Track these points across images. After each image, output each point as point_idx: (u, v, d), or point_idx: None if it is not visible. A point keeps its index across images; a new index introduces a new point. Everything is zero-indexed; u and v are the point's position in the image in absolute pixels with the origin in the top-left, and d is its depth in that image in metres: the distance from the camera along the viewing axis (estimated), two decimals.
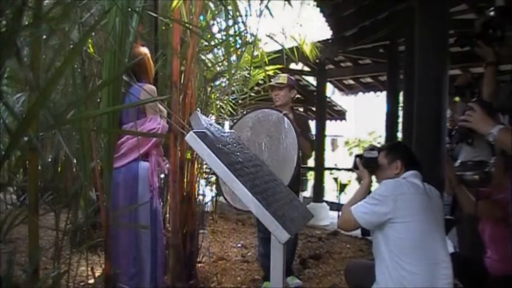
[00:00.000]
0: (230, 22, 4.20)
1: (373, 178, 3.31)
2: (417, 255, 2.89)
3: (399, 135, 8.27)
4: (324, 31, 7.61)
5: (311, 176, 12.36)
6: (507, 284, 3.30)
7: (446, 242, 3.07)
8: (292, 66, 9.82)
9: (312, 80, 12.98)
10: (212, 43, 4.87)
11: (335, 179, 12.09)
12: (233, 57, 4.73)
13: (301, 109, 13.93)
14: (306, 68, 11.02)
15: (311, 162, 11.18)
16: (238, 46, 4.66)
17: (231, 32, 4.33)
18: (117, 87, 2.16)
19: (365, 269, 3.37)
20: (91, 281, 3.58)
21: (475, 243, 3.79)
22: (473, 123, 2.48)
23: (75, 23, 2.27)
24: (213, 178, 8.52)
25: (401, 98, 8.47)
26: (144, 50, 3.62)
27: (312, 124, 13.33)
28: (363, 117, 22.27)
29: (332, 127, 15.36)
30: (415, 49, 4.05)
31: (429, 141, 3.92)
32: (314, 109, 14.16)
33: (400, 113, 8.36)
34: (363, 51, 9.37)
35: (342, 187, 10.28)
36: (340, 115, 14.96)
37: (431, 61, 3.89)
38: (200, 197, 5.69)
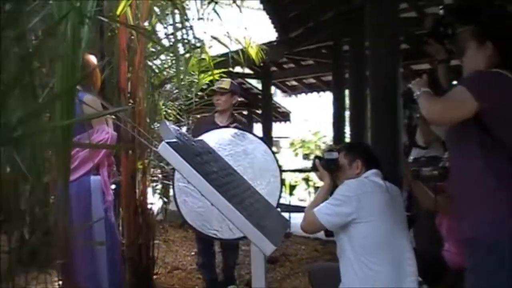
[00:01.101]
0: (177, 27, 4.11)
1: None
2: (383, 254, 2.87)
3: (347, 134, 8.34)
4: (270, 34, 7.59)
5: None
6: None
7: (409, 239, 3.07)
8: (236, 69, 9.78)
9: (255, 82, 12.99)
10: (159, 48, 4.76)
11: (282, 181, 12.09)
12: (181, 62, 4.62)
13: (245, 113, 13.92)
14: (248, 71, 10.98)
15: None
16: (185, 50, 4.56)
17: (179, 36, 4.24)
18: (71, 98, 2.03)
19: (329, 271, 3.32)
20: None
21: (432, 238, 3.82)
22: (412, 84, 2.71)
23: (23, 30, 2.11)
24: (159, 186, 8.37)
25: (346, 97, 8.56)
26: (91, 58, 3.49)
27: (258, 126, 13.39)
28: (306, 118, 22.48)
29: (276, 129, 15.41)
30: (367, 48, 4.06)
31: (386, 139, 3.93)
32: (258, 112, 14.20)
33: (347, 112, 8.44)
34: (306, 52, 9.42)
35: (291, 189, 10.27)
36: (284, 116, 15.01)
37: (383, 59, 3.90)
38: (151, 207, 5.55)
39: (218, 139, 3.99)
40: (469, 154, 2.49)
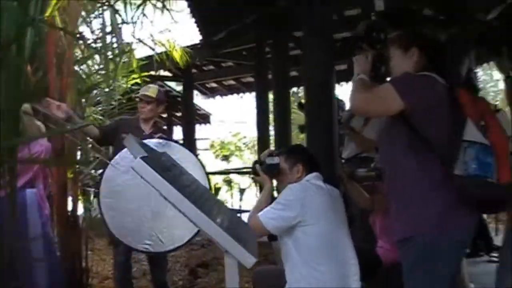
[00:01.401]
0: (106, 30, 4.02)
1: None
2: (328, 254, 2.93)
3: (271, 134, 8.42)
4: (195, 36, 7.55)
5: None
6: (400, 270, 3.46)
7: (351, 239, 3.14)
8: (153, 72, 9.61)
9: (174, 85, 12.84)
10: (86, 53, 4.61)
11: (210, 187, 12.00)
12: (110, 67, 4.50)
13: (164, 115, 13.74)
14: (167, 73, 10.82)
15: None
16: (114, 54, 4.44)
17: (108, 40, 4.14)
18: (18, 114, 1.93)
19: (273, 275, 3.36)
20: None
21: (366, 235, 3.94)
22: (356, 59, 2.76)
23: None
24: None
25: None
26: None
27: (178, 129, 13.25)
28: (223, 119, 22.52)
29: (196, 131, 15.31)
30: (293, 49, 4.08)
31: (321, 140, 4.00)
32: (177, 114, 14.06)
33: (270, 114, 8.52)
34: (226, 54, 9.43)
35: (216, 191, 10.25)
36: (204, 118, 14.95)
37: (318, 62, 3.93)
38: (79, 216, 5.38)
39: None
40: (400, 155, 2.52)
